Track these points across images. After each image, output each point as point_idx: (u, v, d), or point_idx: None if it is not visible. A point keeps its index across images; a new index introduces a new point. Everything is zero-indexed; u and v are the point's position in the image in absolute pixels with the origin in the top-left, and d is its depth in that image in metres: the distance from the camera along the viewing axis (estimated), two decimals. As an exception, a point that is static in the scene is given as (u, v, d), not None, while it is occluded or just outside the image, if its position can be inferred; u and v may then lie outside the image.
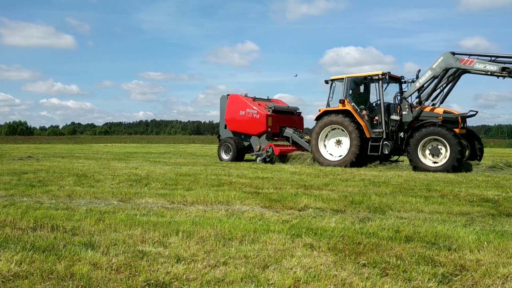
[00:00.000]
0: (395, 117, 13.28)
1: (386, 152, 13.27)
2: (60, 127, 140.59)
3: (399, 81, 14.17)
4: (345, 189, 7.97)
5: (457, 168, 11.87)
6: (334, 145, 14.35)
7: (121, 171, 11.10)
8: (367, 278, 3.11)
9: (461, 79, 13.06)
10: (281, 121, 16.72)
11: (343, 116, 13.84)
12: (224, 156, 16.87)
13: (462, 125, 12.88)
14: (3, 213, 5.25)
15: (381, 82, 13.57)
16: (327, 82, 14.88)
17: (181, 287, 2.97)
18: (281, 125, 16.63)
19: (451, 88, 13.29)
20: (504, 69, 11.71)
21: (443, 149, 12.24)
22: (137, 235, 4.25)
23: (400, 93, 13.70)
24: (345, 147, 14.01)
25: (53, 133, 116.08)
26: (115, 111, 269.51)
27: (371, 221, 5.11)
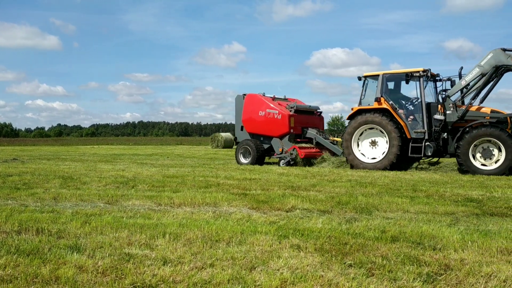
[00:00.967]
0: (439, 117, 12.46)
1: (429, 153, 12.47)
2: (46, 129, 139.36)
3: (435, 78, 13.50)
4: (332, 190, 8.01)
5: None
6: (369, 146, 13.34)
7: (107, 173, 11.02)
8: (353, 279, 3.14)
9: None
10: (302, 121, 15.76)
11: (380, 115, 12.91)
12: (243, 160, 15.75)
13: (511, 125, 12.02)
14: (-13, 216, 5.18)
15: (422, 79, 12.74)
16: (360, 78, 13.94)
17: (167, 289, 2.96)
18: (302, 125, 15.69)
19: (493, 87, 12.48)
20: None
21: (495, 151, 11.47)
22: (124, 238, 4.23)
23: (443, 91, 12.79)
24: (381, 148, 13.09)
25: (39, 135, 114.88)
26: (101, 112, 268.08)
27: (357, 221, 5.15)
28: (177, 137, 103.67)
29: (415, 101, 13.23)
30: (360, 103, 13.81)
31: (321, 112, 17.02)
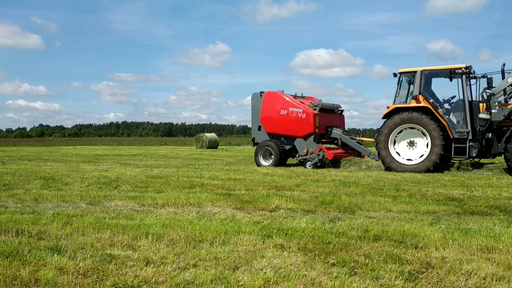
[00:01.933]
0: (485, 116, 11.79)
1: (473, 154, 11.85)
2: (28, 129, 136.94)
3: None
4: (316, 189, 8.05)
5: None
6: (405, 147, 12.60)
7: (90, 173, 10.90)
8: (336, 277, 3.15)
9: None
10: (326, 120, 14.82)
11: (420, 113, 12.22)
12: (264, 162, 14.79)
13: None
14: (-35, 218, 5.07)
15: (464, 76, 12.13)
16: (395, 75, 13.14)
17: (150, 290, 2.93)
18: (326, 125, 14.77)
19: None
20: None
21: None
22: (106, 239, 4.18)
23: (487, 88, 12.09)
24: (420, 149, 12.38)
25: (20, 135, 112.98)
26: (84, 112, 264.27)
27: (341, 221, 5.18)
28: (161, 137, 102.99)
29: (452, 99, 12.74)
30: (394, 101, 13.06)
31: (342, 111, 16.24)
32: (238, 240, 4.17)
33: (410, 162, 12.41)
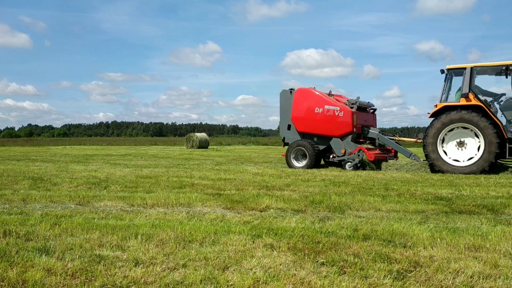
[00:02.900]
0: None
1: None
2: (16, 129, 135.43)
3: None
4: (306, 189, 8.07)
5: None
6: (454, 147, 11.99)
7: (79, 174, 10.82)
8: (325, 277, 3.17)
9: None
10: (361, 119, 14.06)
11: (471, 112, 11.59)
12: (297, 163, 13.94)
13: None
14: (-49, 219, 5.01)
15: None
16: (442, 71, 12.57)
17: (139, 290, 2.92)
18: (362, 124, 14.06)
19: None
20: None
21: None
22: (95, 239, 4.16)
23: None
24: (470, 149, 11.76)
25: (8, 135, 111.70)
26: (74, 112, 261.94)
27: (330, 220, 5.21)
28: (152, 137, 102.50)
29: (500, 97, 12.29)
30: (441, 99, 12.43)
31: (375, 109, 15.54)
32: (228, 240, 4.17)
33: (457, 163, 11.88)
